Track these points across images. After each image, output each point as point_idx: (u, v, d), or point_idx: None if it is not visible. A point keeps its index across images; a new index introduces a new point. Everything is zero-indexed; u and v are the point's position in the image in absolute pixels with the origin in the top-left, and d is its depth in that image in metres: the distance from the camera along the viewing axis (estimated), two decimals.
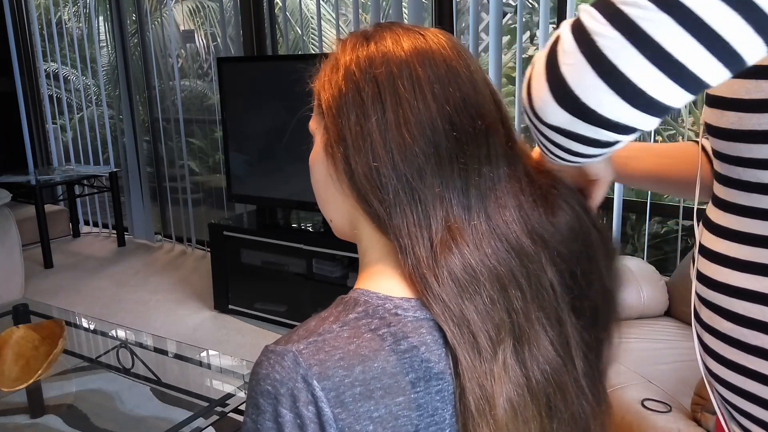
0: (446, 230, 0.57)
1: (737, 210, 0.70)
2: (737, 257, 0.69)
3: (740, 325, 0.68)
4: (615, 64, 0.44)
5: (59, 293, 3.71)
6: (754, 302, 0.67)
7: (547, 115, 0.48)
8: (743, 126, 0.65)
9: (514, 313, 0.58)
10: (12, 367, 1.70)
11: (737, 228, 0.69)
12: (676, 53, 0.43)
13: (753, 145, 0.65)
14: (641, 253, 2.92)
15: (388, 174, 0.57)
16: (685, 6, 0.42)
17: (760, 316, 0.66)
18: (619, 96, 0.45)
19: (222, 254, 3.31)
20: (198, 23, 5.27)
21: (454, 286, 0.56)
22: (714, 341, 0.73)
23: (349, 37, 0.64)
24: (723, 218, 0.72)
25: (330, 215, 0.67)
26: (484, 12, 3.67)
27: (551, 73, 0.47)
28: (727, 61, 0.44)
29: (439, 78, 0.59)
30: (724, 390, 0.73)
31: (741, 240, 0.69)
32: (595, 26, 0.45)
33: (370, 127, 0.58)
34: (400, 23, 0.64)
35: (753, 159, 0.66)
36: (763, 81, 0.62)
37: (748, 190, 0.68)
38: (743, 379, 0.69)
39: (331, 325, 0.56)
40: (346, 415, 0.52)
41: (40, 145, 5.20)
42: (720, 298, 0.71)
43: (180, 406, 1.75)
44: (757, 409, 0.69)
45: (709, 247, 0.73)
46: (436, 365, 0.56)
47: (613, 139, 0.49)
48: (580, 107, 0.46)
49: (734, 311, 0.69)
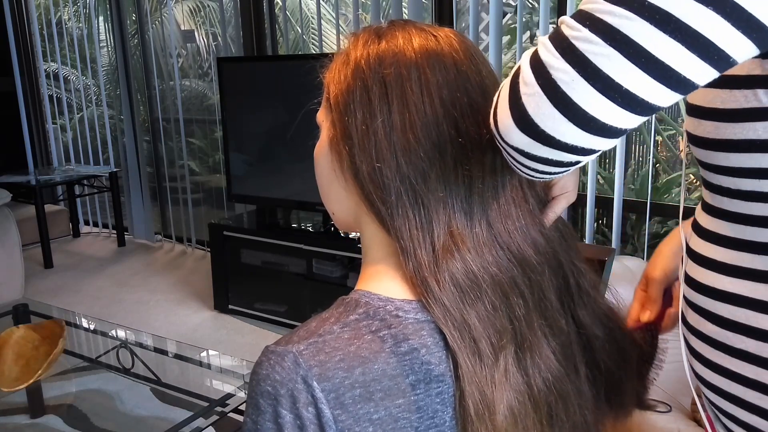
0: (448, 235, 0.57)
1: (721, 215, 0.70)
2: (723, 261, 0.69)
3: (725, 329, 0.69)
4: (569, 95, 0.47)
5: (59, 293, 3.70)
6: (739, 306, 0.67)
7: (511, 139, 0.51)
8: (719, 135, 0.66)
9: (516, 321, 0.57)
10: (12, 367, 1.70)
11: (723, 232, 0.70)
12: (626, 84, 0.46)
13: (730, 154, 0.66)
14: (641, 253, 2.92)
15: (392, 176, 0.57)
16: (630, 39, 0.45)
17: (744, 320, 0.67)
18: (573, 124, 0.48)
19: (222, 254, 3.31)
20: (198, 23, 5.27)
21: (456, 290, 0.56)
22: (700, 344, 0.73)
23: (363, 32, 0.64)
24: (710, 222, 0.72)
25: (333, 208, 0.66)
26: (484, 12, 3.67)
27: (513, 102, 0.50)
28: (674, 86, 0.47)
29: (447, 82, 0.58)
30: (710, 393, 0.74)
31: (726, 244, 0.69)
32: (549, 59, 0.48)
33: (376, 127, 0.57)
34: (414, 22, 0.64)
35: (730, 167, 0.67)
36: (736, 90, 0.63)
37: (729, 196, 0.69)
38: (728, 382, 0.70)
39: (331, 326, 0.55)
40: (346, 417, 0.52)
41: (40, 145, 5.20)
42: (706, 302, 0.71)
43: (180, 406, 1.74)
44: (741, 412, 0.70)
45: (696, 251, 0.74)
46: (437, 367, 0.55)
47: (573, 160, 0.51)
48: (540, 134, 0.49)
49: (719, 314, 0.69)
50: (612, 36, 0.46)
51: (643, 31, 0.45)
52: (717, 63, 0.47)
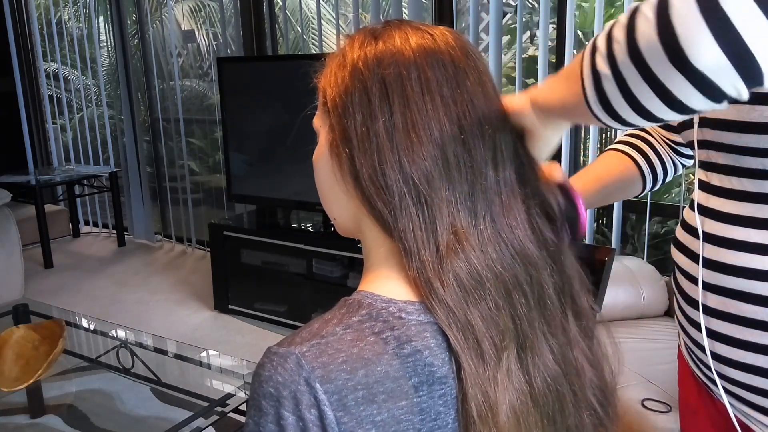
0: (452, 234, 0.57)
1: (746, 197, 0.72)
2: (758, 242, 0.71)
3: (764, 306, 0.71)
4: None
5: (59, 293, 3.70)
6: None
7: (699, 56, 0.41)
8: (755, 118, 0.68)
9: (518, 319, 0.57)
10: (12, 367, 1.70)
11: (752, 214, 0.72)
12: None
13: (761, 136, 0.68)
14: (641, 253, 2.92)
15: (395, 176, 0.57)
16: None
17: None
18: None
19: (222, 254, 3.31)
20: (198, 23, 5.26)
21: (460, 291, 0.55)
22: (728, 326, 0.75)
23: (358, 33, 0.63)
24: (732, 206, 0.74)
25: (334, 214, 0.66)
26: (484, 12, 3.67)
27: (708, 5, 0.40)
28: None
29: (447, 80, 0.58)
30: (739, 372, 0.75)
31: (758, 225, 0.71)
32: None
33: (377, 128, 0.57)
34: (409, 21, 0.63)
35: (760, 149, 0.69)
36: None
37: (756, 177, 0.71)
38: (765, 358, 0.72)
39: (334, 327, 0.55)
40: (349, 419, 0.52)
41: (40, 145, 5.20)
42: (738, 282, 0.73)
43: (180, 406, 1.74)
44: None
45: (721, 235, 0.75)
46: (440, 369, 0.55)
47: (737, 97, 0.44)
48: (742, 51, 0.40)
49: (757, 293, 0.71)
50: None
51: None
52: None
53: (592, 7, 3.26)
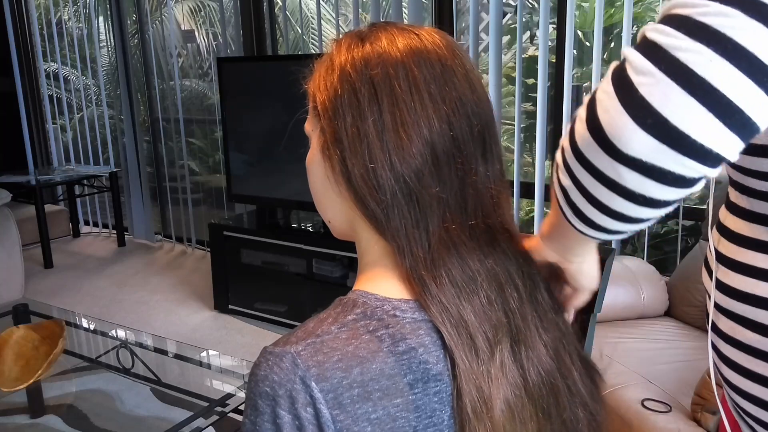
0: (444, 230, 0.57)
1: (756, 218, 0.68)
2: (764, 267, 0.67)
3: (767, 336, 0.67)
4: (706, 79, 0.39)
5: (59, 293, 3.70)
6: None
7: (628, 143, 0.41)
8: (762, 141, 0.64)
9: (510, 313, 0.58)
10: (12, 367, 1.70)
11: (760, 237, 0.68)
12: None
13: (756, 158, 0.65)
14: (641, 253, 2.92)
15: (386, 175, 0.57)
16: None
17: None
18: (714, 114, 0.40)
19: (222, 254, 3.31)
20: (198, 23, 5.27)
21: (452, 287, 0.56)
22: (734, 352, 0.71)
23: (344, 37, 0.64)
24: (746, 228, 0.70)
25: (328, 217, 0.66)
26: (484, 12, 3.67)
27: (627, 97, 0.41)
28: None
29: (435, 78, 0.59)
30: (743, 401, 0.72)
31: (765, 249, 0.67)
32: (671, 41, 0.41)
33: (367, 128, 0.57)
34: (395, 23, 0.64)
35: (757, 171, 0.66)
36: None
37: (762, 198, 0.67)
38: (766, 390, 0.68)
39: (329, 326, 0.55)
40: (344, 417, 0.52)
41: (40, 145, 5.20)
42: (744, 309, 0.69)
43: (180, 406, 1.74)
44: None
45: (731, 257, 0.71)
46: (434, 366, 0.56)
47: (698, 175, 0.43)
48: (669, 131, 0.40)
49: (760, 322, 0.67)
50: (754, 6, 0.38)
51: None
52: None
53: (592, 7, 3.26)
